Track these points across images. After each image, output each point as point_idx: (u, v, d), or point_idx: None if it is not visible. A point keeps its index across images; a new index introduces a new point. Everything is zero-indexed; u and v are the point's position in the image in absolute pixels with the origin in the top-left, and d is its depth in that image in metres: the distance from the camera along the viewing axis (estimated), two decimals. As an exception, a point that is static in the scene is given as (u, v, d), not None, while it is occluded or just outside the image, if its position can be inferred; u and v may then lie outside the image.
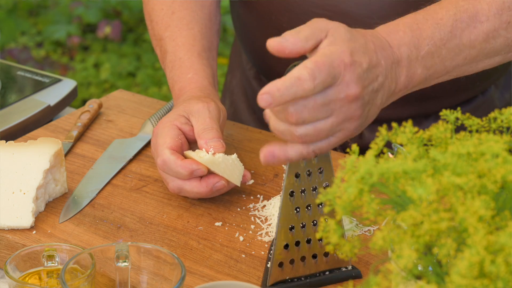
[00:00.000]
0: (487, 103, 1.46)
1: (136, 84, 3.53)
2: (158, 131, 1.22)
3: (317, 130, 0.99)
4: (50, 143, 1.22)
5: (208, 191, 1.19)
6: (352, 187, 0.81)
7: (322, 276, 1.08)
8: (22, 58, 3.65)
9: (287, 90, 0.95)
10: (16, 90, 1.53)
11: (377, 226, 1.17)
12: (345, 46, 0.99)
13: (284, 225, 1.04)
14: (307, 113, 0.98)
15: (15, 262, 1.04)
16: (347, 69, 0.98)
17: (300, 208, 1.04)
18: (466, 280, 0.74)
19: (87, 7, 3.80)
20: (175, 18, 1.34)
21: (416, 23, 1.08)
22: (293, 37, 0.99)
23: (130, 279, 1.02)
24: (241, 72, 1.57)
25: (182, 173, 1.17)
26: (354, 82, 0.99)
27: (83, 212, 1.21)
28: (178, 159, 1.18)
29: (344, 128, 1.01)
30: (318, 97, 0.98)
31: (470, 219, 0.76)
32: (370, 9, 1.30)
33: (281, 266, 1.06)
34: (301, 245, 1.06)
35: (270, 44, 0.98)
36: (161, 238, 1.16)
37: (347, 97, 0.99)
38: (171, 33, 1.33)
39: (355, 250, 0.84)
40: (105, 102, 1.50)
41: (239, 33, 1.49)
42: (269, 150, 1.01)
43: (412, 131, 0.87)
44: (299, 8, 1.34)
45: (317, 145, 1.01)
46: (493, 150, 0.81)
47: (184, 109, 1.23)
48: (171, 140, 1.20)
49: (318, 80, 0.96)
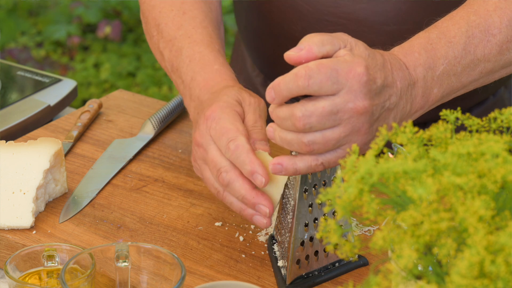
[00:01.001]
0: (498, 104, 1.47)
1: (136, 84, 3.53)
2: (217, 115, 1.10)
3: (325, 138, 0.99)
4: (50, 143, 1.22)
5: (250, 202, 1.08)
6: (352, 187, 0.81)
7: (333, 267, 1.10)
8: (22, 58, 3.65)
9: (285, 85, 0.98)
10: (16, 90, 1.53)
11: (377, 226, 1.17)
12: (362, 59, 0.99)
13: (299, 222, 1.05)
14: (314, 119, 0.98)
15: (15, 262, 1.04)
16: (356, 79, 0.98)
17: (313, 203, 1.05)
18: (466, 280, 0.74)
19: (87, 7, 3.80)
20: (187, 18, 1.29)
21: (430, 43, 1.08)
22: (308, 42, 0.99)
23: (130, 279, 1.02)
24: (246, 78, 1.55)
25: (246, 167, 1.06)
26: (364, 94, 0.99)
27: (83, 212, 1.21)
28: (252, 152, 1.06)
29: (352, 141, 1.01)
30: (327, 104, 0.98)
31: (470, 219, 0.76)
32: (386, 16, 1.29)
33: (298, 263, 1.07)
34: (314, 240, 1.07)
35: (289, 57, 0.99)
36: (161, 238, 1.16)
37: (355, 109, 0.99)
38: (185, 32, 1.28)
39: (355, 250, 0.84)
40: (105, 102, 1.50)
41: (247, 40, 1.48)
42: (278, 161, 1.02)
43: (412, 131, 0.87)
44: (313, 16, 1.33)
45: (326, 157, 1.01)
46: (493, 150, 0.81)
47: (237, 96, 1.13)
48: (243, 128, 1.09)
49: (313, 79, 0.97)
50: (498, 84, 1.45)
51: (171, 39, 1.27)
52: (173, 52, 1.26)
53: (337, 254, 1.08)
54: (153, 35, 1.30)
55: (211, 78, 1.19)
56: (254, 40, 1.46)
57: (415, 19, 1.16)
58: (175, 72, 1.24)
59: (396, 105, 1.04)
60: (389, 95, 1.03)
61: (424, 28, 1.12)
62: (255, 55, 1.48)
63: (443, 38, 1.09)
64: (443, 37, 1.09)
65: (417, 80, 1.06)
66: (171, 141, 1.40)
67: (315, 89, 0.98)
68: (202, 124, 1.11)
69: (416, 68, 1.06)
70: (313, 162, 1.01)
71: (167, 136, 1.41)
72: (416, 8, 1.27)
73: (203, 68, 1.21)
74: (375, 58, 1.02)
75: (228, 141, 1.07)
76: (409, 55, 1.07)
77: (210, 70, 1.21)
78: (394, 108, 1.04)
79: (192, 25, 1.27)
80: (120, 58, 3.64)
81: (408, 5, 1.28)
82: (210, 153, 1.09)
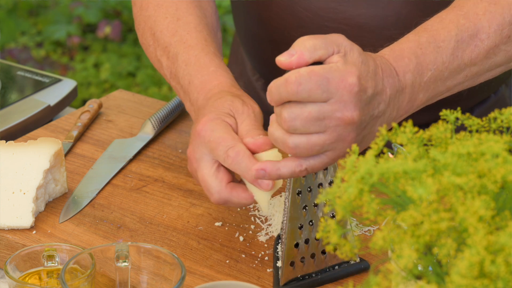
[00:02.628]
0: (499, 102, 1.47)
1: (136, 84, 3.53)
2: (209, 127, 1.09)
3: (310, 143, 0.99)
4: (50, 143, 1.22)
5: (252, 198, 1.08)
6: (352, 187, 0.81)
7: (332, 271, 1.09)
8: (22, 58, 3.65)
9: (276, 89, 0.98)
10: (16, 90, 1.53)
11: (377, 226, 1.17)
12: (355, 68, 0.99)
13: (293, 224, 1.05)
14: (299, 122, 0.98)
15: (15, 262, 1.04)
16: (347, 89, 0.98)
17: (308, 206, 1.05)
18: (466, 280, 0.74)
19: (87, 7, 3.80)
20: (181, 24, 1.28)
21: (419, 47, 1.08)
22: (300, 47, 0.99)
23: (130, 279, 1.02)
24: (246, 82, 1.55)
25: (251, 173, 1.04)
26: (353, 105, 0.99)
27: (83, 212, 1.21)
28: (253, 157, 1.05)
29: (336, 148, 1.01)
30: (313, 110, 0.98)
31: (470, 219, 0.76)
32: (386, 20, 1.29)
33: (292, 265, 1.06)
34: (311, 243, 1.07)
35: (280, 63, 0.99)
36: (161, 238, 1.16)
37: (343, 118, 0.99)
38: (180, 37, 1.27)
39: (355, 250, 0.84)
40: (105, 102, 1.50)
41: (247, 46, 1.47)
42: (261, 166, 1.02)
43: (412, 131, 0.87)
44: (313, 23, 1.32)
45: (309, 163, 1.01)
46: (493, 150, 0.81)
47: (229, 107, 1.13)
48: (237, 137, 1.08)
49: (303, 86, 0.97)
50: (499, 82, 1.45)
51: (167, 46, 1.26)
52: (170, 59, 1.25)
53: (337, 255, 1.08)
54: (150, 44, 1.30)
55: (207, 80, 1.19)
56: (254, 46, 1.45)
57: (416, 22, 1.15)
58: (174, 78, 1.24)
59: (383, 112, 1.04)
60: (378, 103, 1.02)
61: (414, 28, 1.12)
62: (255, 60, 1.48)
63: (433, 42, 1.08)
64: (433, 41, 1.08)
65: (406, 86, 1.06)
66: (171, 141, 1.40)
67: (304, 96, 0.97)
68: (194, 140, 1.10)
69: (405, 74, 1.06)
70: (296, 168, 1.01)
71: (167, 136, 1.41)
72: (416, 12, 1.26)
73: (199, 71, 1.20)
74: (368, 64, 1.01)
75: (227, 149, 1.06)
76: (399, 60, 1.06)
77: (206, 72, 1.20)
78: (381, 115, 1.04)
79: (187, 30, 1.27)
80: (120, 58, 3.64)
81: (408, 9, 1.28)
82: (200, 172, 1.09)
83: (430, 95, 1.09)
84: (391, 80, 1.04)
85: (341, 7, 1.29)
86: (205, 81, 1.19)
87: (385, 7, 1.28)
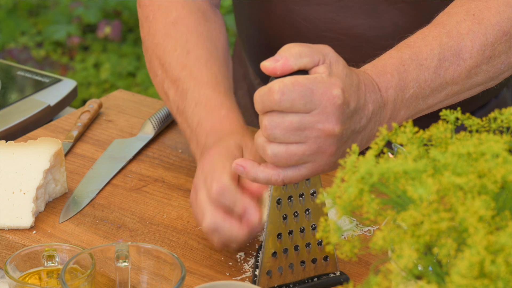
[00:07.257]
0: (500, 106, 1.47)
1: (136, 84, 3.53)
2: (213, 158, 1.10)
3: (289, 153, 0.99)
4: (50, 143, 1.22)
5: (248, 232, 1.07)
6: (352, 187, 0.81)
7: (310, 282, 1.07)
8: (22, 58, 3.65)
9: (259, 98, 0.99)
10: (16, 90, 1.53)
11: (377, 226, 1.17)
12: (339, 81, 0.99)
13: (271, 233, 1.04)
14: (279, 131, 0.98)
15: (15, 262, 1.04)
16: (330, 101, 0.98)
17: (288, 215, 1.04)
18: (466, 280, 0.74)
19: (87, 7, 3.80)
20: (191, 58, 1.25)
21: (402, 64, 1.07)
22: (285, 53, 0.99)
23: (130, 279, 1.02)
24: (249, 86, 1.55)
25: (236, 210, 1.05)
26: (336, 117, 0.99)
27: (83, 212, 1.21)
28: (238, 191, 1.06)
29: (316, 161, 1.00)
30: (294, 120, 0.98)
31: (470, 219, 0.76)
32: (384, 31, 1.29)
33: (269, 274, 1.05)
34: (289, 252, 1.06)
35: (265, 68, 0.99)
36: (161, 238, 1.16)
37: (324, 130, 0.99)
38: (189, 72, 1.23)
39: (355, 250, 0.84)
40: (105, 102, 1.50)
41: (249, 52, 1.47)
42: (242, 163, 1.02)
43: (412, 131, 0.87)
44: (311, 33, 1.32)
45: (287, 174, 1.00)
46: (493, 150, 0.81)
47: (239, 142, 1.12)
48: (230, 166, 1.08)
49: (286, 96, 0.97)
50: (500, 86, 1.45)
51: (175, 80, 1.24)
52: (178, 94, 1.23)
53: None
54: (158, 74, 1.27)
55: (218, 123, 1.18)
56: (255, 52, 1.46)
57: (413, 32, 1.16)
58: (181, 115, 1.22)
59: (365, 127, 1.04)
60: (360, 118, 1.02)
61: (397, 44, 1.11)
62: (256, 65, 1.48)
63: (415, 59, 1.08)
64: (416, 59, 1.08)
65: (388, 102, 1.06)
66: (171, 141, 1.40)
67: (287, 106, 0.97)
68: (199, 169, 1.11)
69: (387, 90, 1.06)
70: (273, 177, 1.00)
71: (167, 136, 1.41)
72: (413, 23, 1.26)
73: (210, 113, 1.19)
74: (351, 78, 1.01)
75: (211, 181, 1.06)
76: (382, 76, 1.06)
77: (217, 115, 1.18)
78: (362, 131, 1.04)
79: (197, 65, 1.24)
80: (120, 58, 3.64)
81: (405, 20, 1.28)
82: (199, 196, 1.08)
83: (411, 113, 1.09)
84: (374, 95, 1.04)
85: (339, 17, 1.30)
86: (216, 124, 1.18)
87: (382, 17, 1.28)
